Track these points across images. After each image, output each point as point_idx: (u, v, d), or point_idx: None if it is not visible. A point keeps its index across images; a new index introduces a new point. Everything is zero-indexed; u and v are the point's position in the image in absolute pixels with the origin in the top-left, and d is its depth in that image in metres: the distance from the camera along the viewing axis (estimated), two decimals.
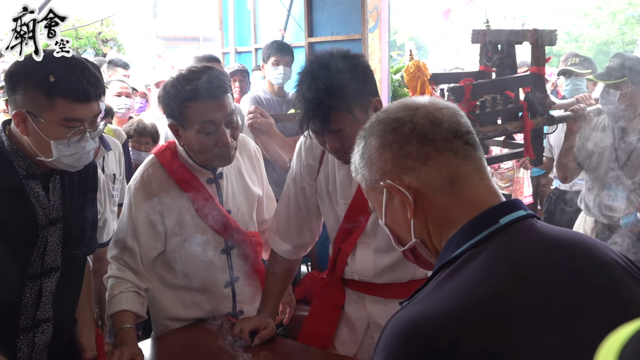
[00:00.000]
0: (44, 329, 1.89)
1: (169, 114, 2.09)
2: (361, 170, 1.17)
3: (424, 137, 1.08)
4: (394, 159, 1.10)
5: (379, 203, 1.16)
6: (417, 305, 0.99)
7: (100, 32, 14.18)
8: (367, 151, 1.15)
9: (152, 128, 3.92)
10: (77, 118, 1.72)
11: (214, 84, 2.02)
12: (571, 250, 1.04)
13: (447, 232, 1.09)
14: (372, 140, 1.14)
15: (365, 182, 1.17)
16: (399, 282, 2.06)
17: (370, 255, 2.07)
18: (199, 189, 2.17)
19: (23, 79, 1.69)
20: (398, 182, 1.09)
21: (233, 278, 2.29)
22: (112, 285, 2.13)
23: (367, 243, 2.07)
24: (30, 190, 1.78)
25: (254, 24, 5.36)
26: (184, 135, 2.08)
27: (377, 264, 2.06)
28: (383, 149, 1.12)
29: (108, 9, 10.67)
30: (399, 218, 1.13)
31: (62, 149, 1.73)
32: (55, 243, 1.85)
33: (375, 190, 1.15)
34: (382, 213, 1.16)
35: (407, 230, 1.13)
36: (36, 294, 1.85)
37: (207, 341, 2.07)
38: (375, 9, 4.76)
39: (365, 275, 2.09)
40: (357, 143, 1.18)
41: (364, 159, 1.15)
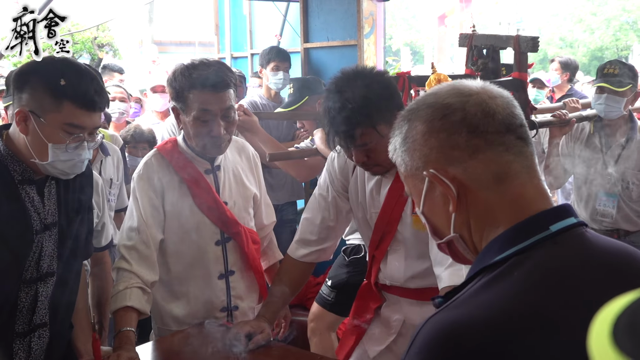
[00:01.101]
0: (41, 333, 1.90)
1: (173, 97, 2.21)
2: (401, 154, 1.09)
3: (475, 128, 1.01)
4: (440, 148, 1.03)
5: (417, 191, 1.09)
6: (455, 309, 0.94)
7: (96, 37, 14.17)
8: (411, 135, 1.07)
9: (149, 134, 3.91)
10: (80, 125, 1.74)
11: (218, 77, 2.14)
12: (623, 264, 0.98)
13: (489, 231, 1.03)
14: (418, 125, 1.06)
15: (405, 166, 1.10)
16: (430, 287, 2.08)
17: (402, 261, 2.13)
18: (197, 178, 2.25)
19: (33, 77, 1.71)
20: (442, 172, 1.02)
21: (227, 270, 2.32)
22: (117, 279, 2.15)
23: (398, 250, 2.13)
24: (26, 195, 1.79)
25: (250, 30, 5.38)
26: (183, 119, 2.20)
27: (407, 270, 2.13)
28: (429, 136, 1.04)
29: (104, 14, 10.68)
30: (439, 209, 1.07)
31: (58, 153, 1.74)
32: (50, 248, 1.86)
33: (415, 177, 1.08)
34: (420, 202, 1.09)
35: (446, 223, 1.07)
36: (32, 298, 1.85)
37: (203, 345, 2.08)
38: (371, 15, 4.78)
39: (396, 281, 2.16)
40: (399, 124, 1.11)
41: (407, 143, 1.08)
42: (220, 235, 2.30)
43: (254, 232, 2.44)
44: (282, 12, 5.06)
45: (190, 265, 2.27)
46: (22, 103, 1.72)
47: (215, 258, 2.31)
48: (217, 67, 2.18)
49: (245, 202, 2.40)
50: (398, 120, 1.12)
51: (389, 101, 1.95)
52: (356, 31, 4.58)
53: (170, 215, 2.24)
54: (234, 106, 2.21)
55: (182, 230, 2.25)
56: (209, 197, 2.26)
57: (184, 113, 2.18)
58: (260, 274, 2.44)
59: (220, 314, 2.33)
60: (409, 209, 2.05)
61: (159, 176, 2.24)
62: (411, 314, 2.17)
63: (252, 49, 5.38)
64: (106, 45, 14.49)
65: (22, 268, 1.80)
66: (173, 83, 2.19)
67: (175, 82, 2.18)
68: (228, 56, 5.57)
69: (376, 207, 2.13)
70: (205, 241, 2.28)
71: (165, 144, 2.34)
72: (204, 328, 2.16)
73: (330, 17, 4.73)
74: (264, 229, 2.56)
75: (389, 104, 1.94)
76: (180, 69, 2.19)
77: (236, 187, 2.37)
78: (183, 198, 2.25)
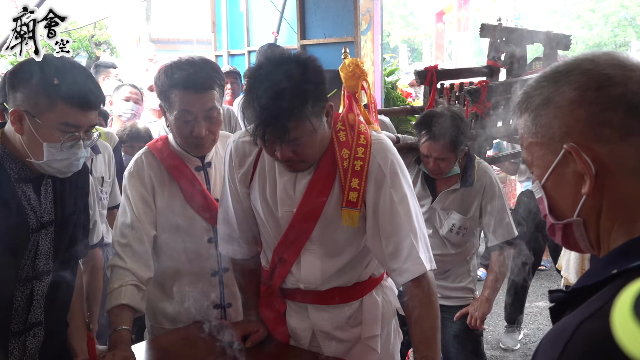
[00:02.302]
0: (35, 332, 1.89)
1: (158, 95, 2.19)
2: (534, 117, 0.99)
3: (634, 108, 0.90)
4: (588, 122, 0.92)
5: (544, 162, 0.99)
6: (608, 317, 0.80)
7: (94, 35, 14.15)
8: (556, 100, 0.95)
9: (146, 132, 3.89)
10: (75, 124, 1.73)
11: (200, 78, 2.09)
12: None
13: (622, 224, 0.93)
14: (567, 90, 0.94)
15: (535, 132, 0.99)
16: (344, 286, 2.01)
17: (317, 262, 1.97)
18: (188, 175, 2.24)
19: (27, 77, 1.69)
20: (585, 149, 0.92)
21: (220, 267, 2.31)
22: (112, 277, 2.14)
23: (314, 250, 1.97)
24: (22, 194, 1.78)
25: (247, 27, 5.37)
26: (168, 117, 2.19)
27: (325, 270, 1.98)
28: (578, 106, 0.93)
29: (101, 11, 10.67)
30: (567, 188, 0.97)
31: (53, 152, 1.73)
32: (46, 247, 1.85)
33: (545, 146, 0.98)
34: (544, 174, 0.99)
35: (571, 204, 0.97)
36: (27, 297, 1.84)
37: (199, 345, 2.07)
38: (368, 12, 4.77)
39: (312, 283, 1.99)
40: (540, 84, 0.99)
41: (546, 107, 0.97)
42: (213, 233, 2.28)
43: None
44: (279, 9, 5.05)
45: (183, 263, 2.25)
46: (17, 103, 1.71)
47: (208, 255, 2.29)
48: (201, 67, 2.12)
49: None
50: (540, 78, 1.01)
51: (322, 90, 1.79)
52: (353, 28, 4.58)
53: (161, 213, 2.23)
54: (217, 107, 2.14)
55: (173, 228, 2.24)
56: (199, 194, 2.24)
57: (168, 111, 2.16)
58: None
59: (214, 312, 2.32)
60: (334, 203, 1.90)
61: (150, 174, 2.23)
62: (320, 322, 2.04)
63: (249, 46, 5.37)
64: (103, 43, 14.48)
65: (18, 267, 1.79)
66: (157, 81, 2.17)
67: (159, 81, 2.16)
68: (225, 53, 5.55)
69: (290, 205, 1.94)
70: (197, 239, 2.26)
71: (156, 142, 2.33)
72: (199, 327, 2.15)
73: (327, 13, 4.73)
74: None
75: (323, 95, 1.80)
76: (164, 67, 2.16)
77: None
78: (174, 196, 2.24)
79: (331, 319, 2.03)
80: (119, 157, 3.55)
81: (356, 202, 1.87)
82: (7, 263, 1.77)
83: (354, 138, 1.90)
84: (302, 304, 2.06)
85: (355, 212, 1.87)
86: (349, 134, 1.91)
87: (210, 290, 2.31)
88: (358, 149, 1.88)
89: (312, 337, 2.07)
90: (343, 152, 1.89)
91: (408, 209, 1.87)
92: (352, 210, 1.88)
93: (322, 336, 2.05)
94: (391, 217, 1.86)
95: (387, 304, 2.13)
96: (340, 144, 1.90)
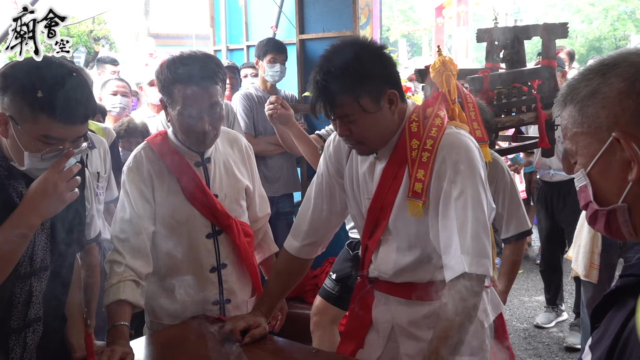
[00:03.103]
0: (35, 328, 1.88)
1: (160, 90, 2.19)
2: (581, 108, 1.04)
3: None
4: (636, 112, 0.97)
5: (590, 150, 1.03)
6: None
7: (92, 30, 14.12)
8: (603, 91, 1.00)
9: (143, 128, 3.88)
10: (57, 137, 1.69)
11: (204, 73, 2.10)
12: None
13: None
14: (615, 81, 0.99)
15: (581, 122, 1.04)
16: (418, 282, 2.00)
17: (392, 252, 2.01)
18: (187, 171, 2.24)
19: (14, 83, 1.65)
20: (632, 137, 0.97)
21: (219, 263, 2.31)
22: (111, 272, 2.13)
23: (390, 240, 2.02)
24: (13, 191, 1.76)
25: (246, 21, 5.34)
26: (169, 112, 2.18)
27: (397, 262, 2.00)
28: (626, 97, 0.98)
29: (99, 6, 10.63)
30: (613, 175, 1.01)
31: (34, 161, 1.70)
32: (43, 242, 1.84)
33: (591, 136, 1.02)
34: (590, 162, 1.04)
35: (617, 191, 1.01)
36: (26, 294, 1.83)
37: (198, 340, 2.07)
38: (367, 6, 4.76)
39: (385, 273, 2.04)
40: (586, 76, 1.04)
41: (594, 98, 1.01)
42: (212, 228, 2.28)
43: (246, 224, 2.41)
44: (278, 4, 5.03)
45: (182, 259, 2.25)
46: (4, 106, 1.67)
47: (207, 251, 2.29)
48: (204, 61, 2.14)
49: (236, 194, 2.37)
50: (585, 71, 1.06)
51: (379, 75, 1.86)
52: (352, 22, 4.56)
53: (160, 208, 2.23)
54: (219, 102, 2.16)
55: (172, 224, 2.23)
56: (198, 189, 2.24)
57: (170, 106, 2.16)
58: (253, 267, 2.41)
59: (212, 308, 2.32)
60: (403, 193, 1.94)
61: (149, 169, 2.23)
62: (399, 315, 2.06)
63: (248, 41, 5.34)
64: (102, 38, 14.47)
65: (18, 264, 1.77)
66: (160, 76, 2.16)
67: (161, 75, 2.15)
68: (224, 48, 5.53)
69: (369, 192, 2.02)
70: (196, 234, 2.26)
71: (155, 137, 2.32)
72: (198, 322, 2.15)
73: (326, 8, 4.71)
74: (258, 221, 2.53)
75: (378, 78, 1.86)
76: (167, 61, 2.16)
77: (227, 179, 2.34)
78: (173, 191, 2.23)
79: (409, 314, 2.03)
80: (117, 152, 3.53)
81: (421, 193, 1.89)
82: None
83: (426, 130, 1.93)
84: (385, 294, 2.09)
85: (419, 203, 1.90)
86: (421, 126, 1.94)
87: (209, 286, 2.31)
88: (427, 141, 1.91)
89: (390, 331, 2.08)
90: (413, 143, 1.92)
91: (465, 206, 1.83)
92: (416, 201, 1.90)
93: (400, 331, 2.06)
94: (446, 212, 1.85)
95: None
96: (412, 134, 1.94)
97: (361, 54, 1.84)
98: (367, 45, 1.90)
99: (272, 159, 4.24)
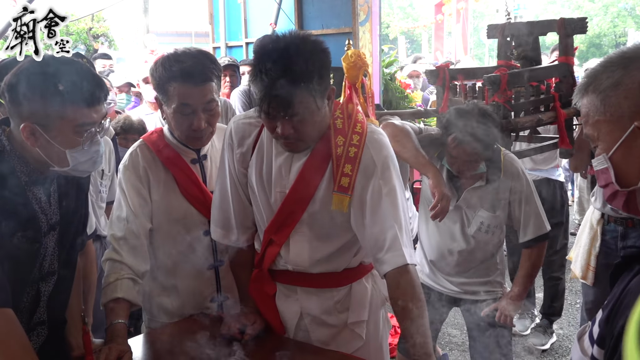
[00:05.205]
0: (39, 332, 1.88)
1: (155, 87, 2.18)
2: (604, 98, 1.12)
3: None
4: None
5: (612, 137, 1.12)
6: None
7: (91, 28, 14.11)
8: (626, 81, 1.10)
9: (139, 124, 3.88)
10: (89, 122, 1.70)
11: (199, 70, 2.09)
12: None
13: None
14: (636, 73, 1.09)
15: (604, 111, 1.13)
16: (333, 272, 2.04)
17: (306, 245, 2.01)
18: (183, 168, 2.23)
19: (27, 91, 1.63)
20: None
21: (216, 260, 2.30)
22: (108, 271, 2.12)
23: (303, 232, 2.01)
24: (33, 197, 1.75)
25: (245, 19, 5.34)
26: (165, 110, 2.18)
27: (312, 254, 2.01)
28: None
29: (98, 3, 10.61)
30: (634, 159, 1.11)
31: (77, 156, 1.72)
32: (52, 247, 1.83)
33: (613, 124, 1.12)
34: (612, 147, 1.13)
35: (637, 173, 1.11)
36: (33, 298, 1.82)
37: (196, 338, 2.06)
38: (366, 3, 4.74)
39: (300, 265, 2.03)
40: (608, 68, 1.13)
41: (617, 89, 1.10)
42: (209, 225, 2.28)
43: None
44: (277, 1, 5.02)
45: (180, 257, 2.24)
46: (24, 117, 1.66)
47: (205, 248, 2.28)
48: (199, 59, 2.12)
49: None
50: (606, 63, 1.14)
51: (327, 71, 1.84)
52: (351, 19, 4.56)
53: (157, 206, 2.22)
54: (215, 99, 2.16)
55: (170, 221, 2.23)
56: (195, 187, 2.23)
57: (166, 104, 2.15)
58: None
59: (210, 305, 2.31)
60: (325, 187, 1.94)
61: (145, 166, 2.22)
62: (309, 305, 2.07)
63: (247, 38, 5.34)
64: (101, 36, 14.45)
65: (30, 270, 1.77)
66: (154, 74, 2.14)
67: (156, 73, 2.14)
68: (223, 45, 5.53)
69: (283, 185, 1.98)
70: (193, 232, 2.25)
71: (150, 134, 2.31)
72: (196, 320, 2.14)
73: (325, 4, 4.71)
74: None
75: (327, 76, 1.85)
76: (161, 59, 2.15)
77: None
78: (169, 188, 2.23)
79: (319, 303, 2.06)
80: (116, 150, 3.53)
81: (347, 188, 1.91)
82: (20, 269, 1.73)
83: (350, 126, 1.96)
84: (291, 286, 2.09)
85: (346, 198, 1.92)
86: (346, 122, 1.96)
87: (207, 283, 2.30)
88: (353, 137, 1.94)
89: (299, 320, 2.09)
90: (338, 139, 1.93)
91: (395, 202, 1.89)
92: (343, 195, 1.92)
93: (310, 320, 2.08)
94: (377, 208, 1.89)
95: (376, 292, 2.15)
96: (337, 131, 1.95)
97: (309, 49, 1.78)
98: (315, 41, 1.84)
99: None
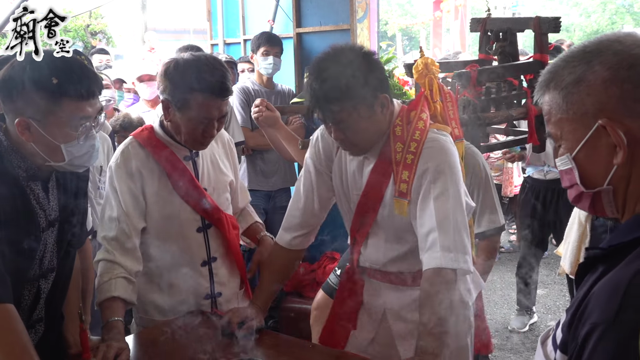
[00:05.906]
0: (37, 329, 1.88)
1: (169, 91, 2.12)
2: (566, 95, 1.06)
3: None
4: (621, 99, 1.01)
5: (575, 136, 1.07)
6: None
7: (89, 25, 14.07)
8: (588, 78, 1.03)
9: (139, 122, 3.87)
10: (85, 115, 1.70)
11: (225, 85, 2.11)
12: None
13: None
14: (599, 69, 1.02)
15: (566, 108, 1.07)
16: (408, 272, 2.10)
17: (381, 244, 2.12)
18: (176, 165, 2.22)
19: (21, 84, 1.63)
20: (617, 123, 1.01)
21: (210, 257, 2.31)
22: (101, 270, 2.12)
23: (378, 233, 2.11)
24: (31, 192, 1.75)
25: (243, 15, 5.32)
26: (174, 114, 2.15)
27: (387, 253, 2.11)
28: (611, 84, 1.01)
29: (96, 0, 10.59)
30: (599, 159, 1.05)
31: (72, 150, 1.71)
32: (51, 244, 1.83)
33: (576, 122, 1.06)
34: (576, 147, 1.07)
35: (602, 174, 1.06)
36: (33, 296, 1.82)
37: (193, 334, 2.06)
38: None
39: (376, 263, 2.15)
40: (571, 63, 1.07)
41: (579, 85, 1.04)
42: (202, 222, 2.28)
43: (233, 217, 2.42)
44: None
45: (173, 254, 2.23)
46: (18, 112, 1.66)
47: (198, 245, 2.28)
48: (223, 72, 2.13)
49: (223, 188, 2.38)
50: (567, 57, 1.08)
51: (372, 81, 1.91)
52: (349, 16, 4.54)
53: (150, 204, 2.21)
54: (228, 110, 2.19)
55: (163, 218, 2.22)
56: (188, 183, 2.22)
57: (179, 111, 2.12)
58: (240, 258, 2.42)
59: (204, 302, 2.31)
60: (390, 191, 2.03)
61: (137, 164, 2.20)
62: (390, 300, 2.15)
63: (244, 35, 5.32)
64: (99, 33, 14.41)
65: (29, 267, 1.77)
66: (174, 77, 2.10)
67: (177, 77, 2.09)
68: (221, 42, 5.51)
69: (358, 188, 2.11)
70: (186, 228, 2.26)
71: (141, 131, 2.29)
72: (190, 318, 2.14)
73: (323, 1, 4.70)
74: (240, 212, 2.58)
75: (372, 84, 1.91)
76: (182, 64, 2.10)
77: (214, 174, 2.34)
78: (162, 186, 2.22)
79: (400, 299, 2.13)
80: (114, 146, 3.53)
81: (406, 194, 1.99)
82: (19, 266, 1.73)
83: (409, 133, 2.01)
84: (375, 281, 2.18)
85: (405, 203, 1.99)
86: (405, 129, 2.02)
87: (200, 280, 2.30)
88: (411, 144, 2.00)
89: (382, 314, 2.17)
90: (397, 146, 2.01)
91: (444, 206, 1.91)
92: (402, 201, 2.00)
93: (392, 315, 2.15)
94: (424, 211, 1.94)
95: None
96: (395, 138, 2.02)
97: (356, 63, 1.89)
98: (360, 52, 1.96)
99: (269, 153, 4.22)
